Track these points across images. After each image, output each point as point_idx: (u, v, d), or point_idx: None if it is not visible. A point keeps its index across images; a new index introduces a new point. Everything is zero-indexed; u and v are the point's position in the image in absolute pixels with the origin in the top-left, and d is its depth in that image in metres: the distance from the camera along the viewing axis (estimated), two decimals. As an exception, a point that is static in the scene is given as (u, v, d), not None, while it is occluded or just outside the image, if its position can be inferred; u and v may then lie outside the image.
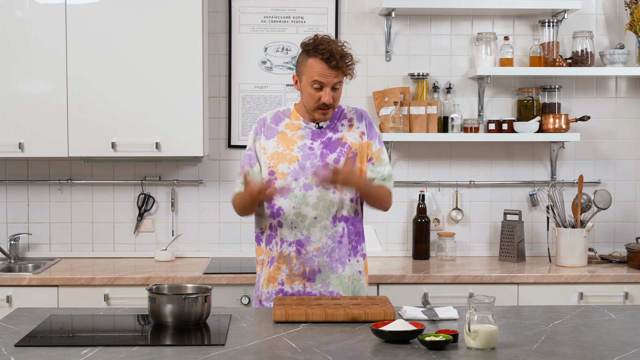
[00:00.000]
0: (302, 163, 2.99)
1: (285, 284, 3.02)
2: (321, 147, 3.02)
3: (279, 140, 3.03)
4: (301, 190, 2.98)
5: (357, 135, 3.05)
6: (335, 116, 3.08)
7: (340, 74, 2.95)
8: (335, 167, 2.89)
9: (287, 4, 4.35)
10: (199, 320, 2.61)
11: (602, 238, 4.48)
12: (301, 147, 3.01)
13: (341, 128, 3.06)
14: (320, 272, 3.00)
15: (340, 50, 2.95)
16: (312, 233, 2.99)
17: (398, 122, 4.18)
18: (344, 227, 3.02)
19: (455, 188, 4.43)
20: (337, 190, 2.99)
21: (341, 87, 2.99)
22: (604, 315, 2.77)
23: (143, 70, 3.97)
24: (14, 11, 3.94)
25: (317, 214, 2.99)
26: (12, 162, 4.33)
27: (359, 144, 3.04)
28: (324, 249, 3.00)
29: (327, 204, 2.99)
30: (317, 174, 2.90)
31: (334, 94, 2.97)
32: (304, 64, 2.98)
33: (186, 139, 4.00)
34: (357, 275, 3.06)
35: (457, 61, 4.42)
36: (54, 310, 2.86)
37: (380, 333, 2.40)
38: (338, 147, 3.02)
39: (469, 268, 4.03)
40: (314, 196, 2.98)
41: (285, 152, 3.01)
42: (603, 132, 4.46)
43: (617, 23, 4.44)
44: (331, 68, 2.92)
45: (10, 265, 4.16)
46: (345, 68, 2.95)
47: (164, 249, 4.25)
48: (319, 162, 2.98)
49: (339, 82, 2.96)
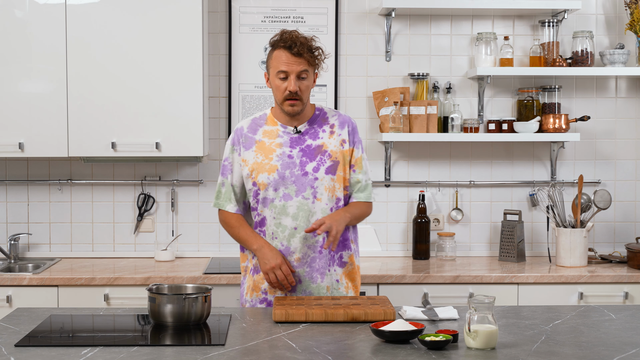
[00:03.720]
0: (281, 172, 2.96)
1: (269, 293, 3.01)
2: (300, 155, 2.97)
3: (257, 150, 3.00)
4: (281, 200, 2.96)
5: (337, 143, 3.00)
6: (316, 120, 3.03)
7: (304, 62, 2.91)
8: (318, 221, 2.86)
9: (287, 4, 4.35)
10: (199, 320, 2.61)
11: (602, 238, 4.48)
12: (280, 156, 2.97)
13: (322, 134, 3.01)
14: (300, 283, 2.99)
15: (303, 39, 2.92)
16: (291, 243, 2.96)
17: (398, 122, 4.18)
18: (324, 236, 2.97)
19: (455, 188, 4.43)
20: (317, 199, 2.96)
21: (310, 78, 2.95)
22: (604, 315, 2.77)
23: (143, 70, 3.97)
24: (14, 11, 3.94)
25: (296, 224, 2.95)
26: (12, 162, 4.33)
27: (339, 152, 3.00)
28: (304, 259, 2.97)
29: (307, 214, 2.95)
30: (308, 231, 2.89)
31: (300, 83, 2.92)
32: (270, 57, 2.96)
33: (186, 139, 4.00)
34: (335, 284, 3.02)
35: (457, 61, 4.42)
36: (54, 310, 2.86)
37: (380, 333, 2.40)
38: (318, 155, 2.98)
39: (469, 268, 4.03)
40: (294, 206, 2.95)
41: (264, 162, 2.98)
42: (603, 132, 4.46)
43: (617, 23, 4.44)
44: (294, 55, 2.89)
45: (10, 265, 4.16)
46: (309, 56, 2.91)
47: (164, 249, 4.25)
48: (298, 172, 2.95)
49: (304, 71, 2.91)
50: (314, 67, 2.96)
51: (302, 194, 2.95)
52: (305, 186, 2.95)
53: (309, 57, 2.92)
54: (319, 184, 2.95)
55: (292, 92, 2.91)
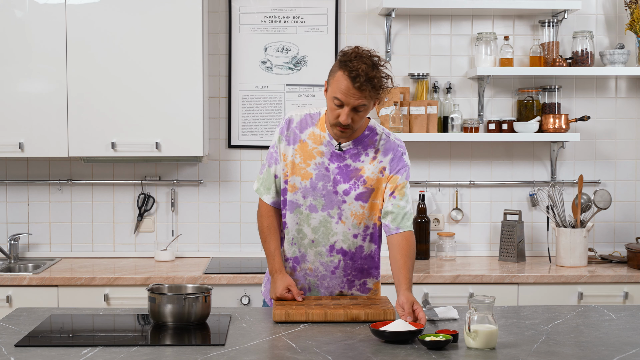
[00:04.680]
0: (314, 182, 2.83)
1: None
2: (336, 171, 2.82)
3: (299, 150, 2.85)
4: (306, 209, 2.86)
5: (376, 170, 2.82)
6: (363, 141, 2.84)
7: (364, 97, 2.66)
8: (411, 311, 2.60)
9: (287, 4, 4.35)
10: (199, 320, 2.61)
11: (602, 238, 4.48)
12: (318, 165, 2.83)
13: (364, 158, 2.82)
14: (310, 291, 2.93)
15: (371, 72, 2.65)
16: (308, 254, 2.89)
17: (398, 122, 4.18)
18: (341, 259, 2.87)
19: (455, 188, 4.43)
20: (341, 221, 2.84)
21: (366, 110, 2.71)
22: (604, 315, 2.77)
23: (143, 70, 3.97)
24: (14, 11, 3.94)
25: (315, 238, 2.87)
26: (12, 162, 4.33)
27: (377, 179, 2.82)
28: (315, 272, 2.90)
29: (328, 231, 2.85)
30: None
31: (355, 115, 2.70)
32: (333, 75, 2.72)
33: (186, 139, 4.00)
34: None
35: (457, 61, 4.42)
36: (54, 310, 2.86)
37: (380, 333, 2.40)
38: (353, 178, 2.82)
39: (469, 268, 4.03)
40: (317, 220, 2.85)
41: (301, 165, 2.84)
42: (603, 132, 4.46)
43: (617, 23, 4.44)
44: (355, 88, 2.65)
45: (10, 265, 4.16)
46: (371, 92, 2.67)
47: (164, 249, 4.25)
48: (330, 187, 2.82)
49: (362, 105, 2.68)
50: (375, 100, 2.74)
51: (328, 211, 2.84)
52: (334, 204, 2.84)
53: (371, 94, 2.68)
54: (346, 208, 2.84)
55: (344, 123, 2.71)
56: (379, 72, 2.69)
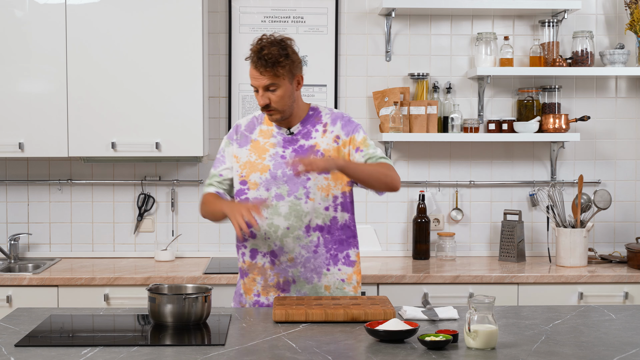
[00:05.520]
0: (273, 172, 2.93)
1: (261, 295, 2.99)
2: (293, 155, 2.93)
3: (252, 149, 2.98)
4: (273, 200, 2.93)
5: (330, 140, 2.95)
6: (309, 120, 2.98)
7: (268, 76, 2.83)
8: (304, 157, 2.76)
9: (287, 4, 4.35)
10: (199, 320, 2.61)
11: (602, 238, 4.48)
12: (273, 156, 2.95)
13: (315, 134, 2.96)
14: (294, 283, 2.96)
15: (268, 50, 2.82)
16: (285, 243, 2.93)
17: (398, 122, 4.18)
18: (319, 236, 2.94)
19: (455, 188, 4.43)
20: (309, 199, 2.91)
21: (282, 87, 2.85)
22: (604, 315, 2.77)
23: (143, 71, 3.97)
24: (14, 11, 3.94)
25: (289, 224, 2.92)
26: (12, 162, 4.33)
27: (332, 149, 2.93)
28: (297, 259, 2.94)
29: (300, 213, 2.92)
30: (289, 164, 2.78)
31: (271, 95, 2.85)
32: None
33: (186, 139, 4.00)
34: (339, 284, 2.98)
35: (457, 61, 4.42)
36: (54, 310, 2.86)
37: (375, 332, 2.40)
38: (311, 155, 2.93)
39: (469, 268, 4.03)
40: (286, 206, 2.92)
41: (257, 162, 2.96)
42: (603, 132, 4.46)
43: (617, 23, 4.44)
44: (255, 70, 2.84)
45: (10, 265, 4.16)
46: (273, 71, 2.82)
47: (164, 249, 4.25)
48: (290, 172, 2.91)
49: (271, 84, 2.84)
50: (285, 78, 2.86)
51: (294, 194, 2.92)
52: (298, 186, 2.92)
53: (273, 71, 2.83)
54: (312, 184, 2.92)
55: (261, 106, 2.89)
56: (270, 49, 2.82)
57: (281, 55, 2.83)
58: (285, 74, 2.85)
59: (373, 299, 2.83)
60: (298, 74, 2.92)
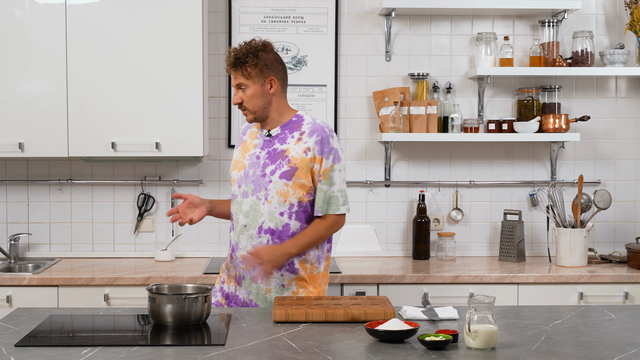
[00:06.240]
0: (247, 171, 3.05)
1: (225, 283, 3.14)
2: (266, 157, 3.03)
3: (241, 148, 3.15)
4: (240, 197, 3.05)
5: (300, 150, 2.98)
6: (289, 126, 3.05)
7: (238, 75, 2.99)
8: (255, 251, 2.93)
9: (287, 4, 4.35)
10: (199, 320, 2.61)
11: (602, 238, 4.48)
12: (251, 156, 3.08)
13: (289, 140, 3.02)
14: (244, 279, 3.05)
15: (234, 50, 2.99)
16: (240, 240, 3.04)
17: (398, 122, 4.18)
18: (269, 239, 2.99)
19: (455, 188, 4.43)
20: (267, 201, 2.98)
21: (251, 88, 2.98)
22: (604, 315, 2.77)
23: (143, 70, 3.97)
24: (14, 11, 3.94)
25: (247, 222, 3.02)
26: (12, 162, 4.33)
27: (300, 159, 2.97)
28: (247, 258, 2.99)
29: (257, 214, 3.00)
30: (246, 263, 2.98)
31: (243, 94, 3.00)
32: None
33: (186, 139, 4.00)
34: (279, 288, 3.00)
35: (457, 61, 4.42)
36: (54, 310, 2.86)
37: (375, 332, 2.40)
38: (279, 159, 3.00)
39: (469, 268, 4.03)
40: (247, 204, 3.02)
41: (239, 160, 3.11)
42: (603, 132, 4.46)
43: (617, 23, 4.44)
44: (230, 69, 3.01)
45: (10, 265, 4.16)
46: (240, 69, 2.97)
47: (164, 249, 4.25)
48: (259, 172, 3.00)
49: (241, 84, 2.99)
50: (254, 78, 2.98)
51: (256, 194, 3.01)
52: (261, 187, 3.00)
53: (241, 71, 2.97)
54: (272, 187, 2.98)
55: (234, 104, 3.06)
56: (240, 49, 2.98)
57: (248, 55, 2.96)
58: (255, 75, 2.98)
59: (373, 299, 2.83)
60: (271, 76, 3.00)
